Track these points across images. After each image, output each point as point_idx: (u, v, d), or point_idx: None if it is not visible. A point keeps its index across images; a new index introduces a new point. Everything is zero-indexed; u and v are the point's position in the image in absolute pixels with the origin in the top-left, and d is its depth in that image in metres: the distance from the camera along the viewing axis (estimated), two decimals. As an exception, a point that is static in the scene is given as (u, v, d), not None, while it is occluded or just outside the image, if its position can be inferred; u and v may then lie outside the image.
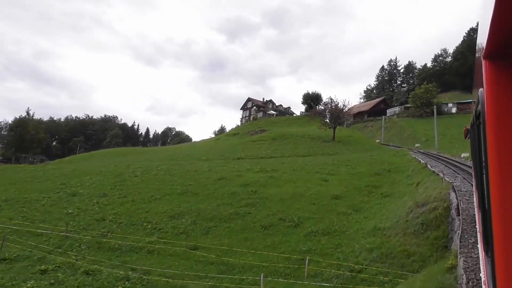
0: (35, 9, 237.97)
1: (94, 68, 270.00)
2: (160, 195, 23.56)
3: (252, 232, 18.09)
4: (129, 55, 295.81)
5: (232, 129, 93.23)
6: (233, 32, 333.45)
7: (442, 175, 18.96)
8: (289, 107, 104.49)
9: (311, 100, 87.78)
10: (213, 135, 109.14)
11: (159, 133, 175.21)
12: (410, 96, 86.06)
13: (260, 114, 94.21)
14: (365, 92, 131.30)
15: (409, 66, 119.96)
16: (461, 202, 11.83)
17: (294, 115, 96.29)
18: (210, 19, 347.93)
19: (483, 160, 1.84)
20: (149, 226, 18.48)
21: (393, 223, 16.17)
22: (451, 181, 17.04)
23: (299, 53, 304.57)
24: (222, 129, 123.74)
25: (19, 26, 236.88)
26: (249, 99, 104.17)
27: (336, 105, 55.67)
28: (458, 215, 10.44)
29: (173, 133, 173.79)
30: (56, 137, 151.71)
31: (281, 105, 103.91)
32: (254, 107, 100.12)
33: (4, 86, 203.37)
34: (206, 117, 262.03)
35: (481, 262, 4.24)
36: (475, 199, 6.63)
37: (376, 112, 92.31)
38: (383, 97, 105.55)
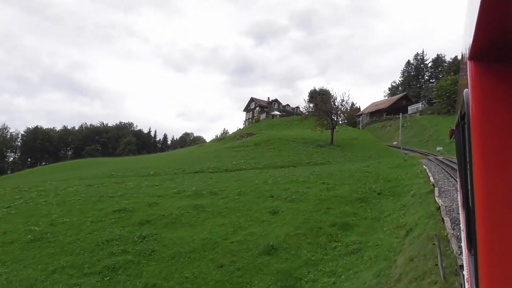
0: (68, 22, 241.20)
1: (126, 76, 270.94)
2: (-10, 246, 14.76)
3: None
4: (159, 62, 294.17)
5: (232, 132, 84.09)
6: (261, 35, 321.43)
7: (448, 228, 8.87)
8: (297, 107, 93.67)
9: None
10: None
11: (177, 138, 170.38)
12: (434, 89, 73.78)
13: (263, 116, 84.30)
14: (389, 89, 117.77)
15: (438, 60, 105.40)
16: None
17: (302, 115, 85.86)
18: (237, 24, 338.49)
19: (468, 160, 1.90)
20: None
21: None
22: (460, 253, 6.99)
23: (327, 54, 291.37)
24: (225, 133, 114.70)
25: (54, 39, 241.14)
26: (252, 99, 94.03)
27: (334, 101, 45.17)
28: None
29: (191, 138, 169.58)
30: (72, 146, 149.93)
31: (288, 104, 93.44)
32: (257, 108, 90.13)
33: (42, 98, 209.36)
34: (234, 121, 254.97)
35: (464, 260, 4.06)
36: (459, 198, 6.17)
37: (397, 109, 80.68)
38: (404, 93, 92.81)
